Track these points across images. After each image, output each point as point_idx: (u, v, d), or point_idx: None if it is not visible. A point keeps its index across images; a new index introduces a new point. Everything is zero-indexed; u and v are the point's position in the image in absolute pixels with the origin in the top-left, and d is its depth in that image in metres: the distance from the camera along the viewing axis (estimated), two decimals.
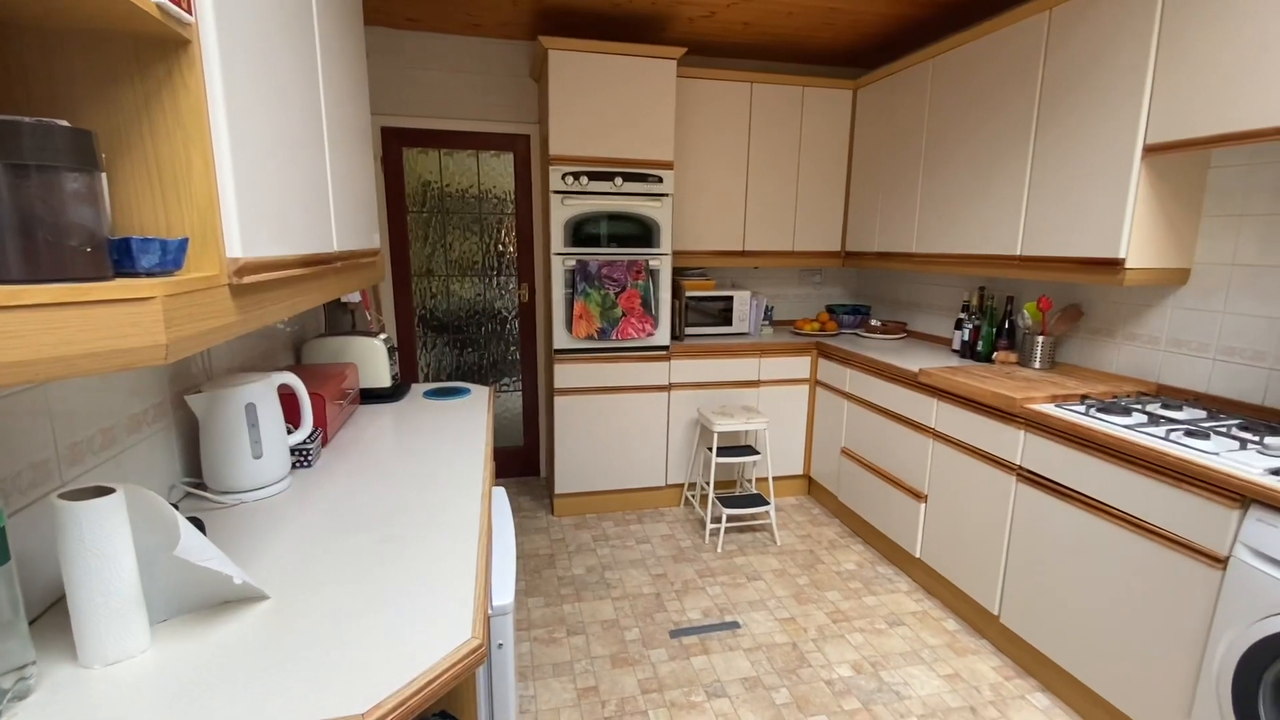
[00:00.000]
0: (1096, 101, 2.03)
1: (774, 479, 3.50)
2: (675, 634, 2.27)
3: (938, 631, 2.31)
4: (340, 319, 2.57)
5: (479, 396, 2.07)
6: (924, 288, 3.42)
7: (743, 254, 3.47)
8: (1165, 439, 1.66)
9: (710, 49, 3.45)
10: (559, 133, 2.87)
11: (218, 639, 0.81)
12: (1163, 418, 1.81)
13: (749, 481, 3.44)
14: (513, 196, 3.47)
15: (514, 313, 3.60)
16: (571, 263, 2.96)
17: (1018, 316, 2.69)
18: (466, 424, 1.76)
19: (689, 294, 3.39)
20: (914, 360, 2.75)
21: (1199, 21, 1.73)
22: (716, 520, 3.16)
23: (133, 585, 0.78)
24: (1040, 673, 2.04)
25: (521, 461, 3.78)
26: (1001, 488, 2.12)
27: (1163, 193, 1.95)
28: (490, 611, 1.04)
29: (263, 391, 1.26)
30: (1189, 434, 1.66)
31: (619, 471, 3.24)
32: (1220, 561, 1.48)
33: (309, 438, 1.44)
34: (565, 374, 3.06)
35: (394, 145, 3.27)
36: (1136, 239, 1.95)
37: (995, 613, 2.17)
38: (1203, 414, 1.88)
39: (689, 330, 3.43)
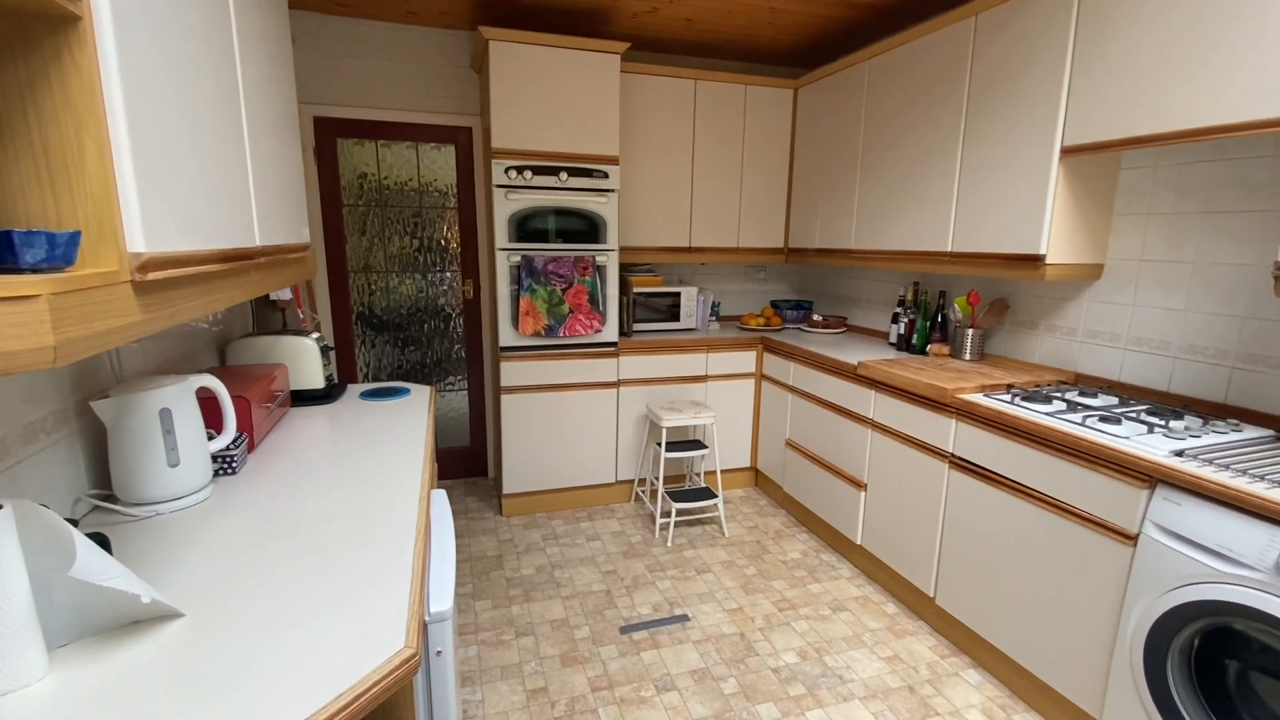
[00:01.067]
0: (1019, 104, 2.14)
1: (722, 472, 3.54)
2: (625, 630, 2.27)
3: (878, 615, 2.39)
4: (270, 317, 2.45)
5: (419, 396, 2.01)
6: (863, 283, 3.53)
7: (689, 250, 3.49)
8: (1082, 425, 1.76)
9: (654, 45, 3.45)
10: (501, 126, 2.81)
11: (125, 662, 0.76)
12: (1080, 405, 1.92)
13: (698, 475, 3.47)
14: (455, 190, 3.38)
15: (458, 310, 3.52)
16: (516, 258, 2.91)
17: (949, 310, 2.81)
18: (405, 425, 1.70)
19: (637, 290, 3.39)
20: (853, 354, 2.83)
21: (1111, 32, 1.84)
22: (666, 515, 3.18)
23: (25, 609, 0.71)
24: (973, 650, 2.14)
25: (468, 462, 3.70)
26: (935, 475, 2.21)
27: (1079, 192, 2.07)
28: (427, 618, 1.01)
29: (179, 395, 1.19)
30: (1103, 420, 1.77)
31: (568, 469, 3.22)
32: (1131, 539, 1.58)
33: (233, 443, 1.36)
34: (512, 372, 3.01)
35: (328, 136, 3.14)
36: (1055, 236, 2.06)
37: (931, 595, 2.27)
38: (1115, 400, 2.01)
39: (637, 326, 3.43)
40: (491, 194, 2.89)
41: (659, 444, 3.23)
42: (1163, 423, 1.73)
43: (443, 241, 3.42)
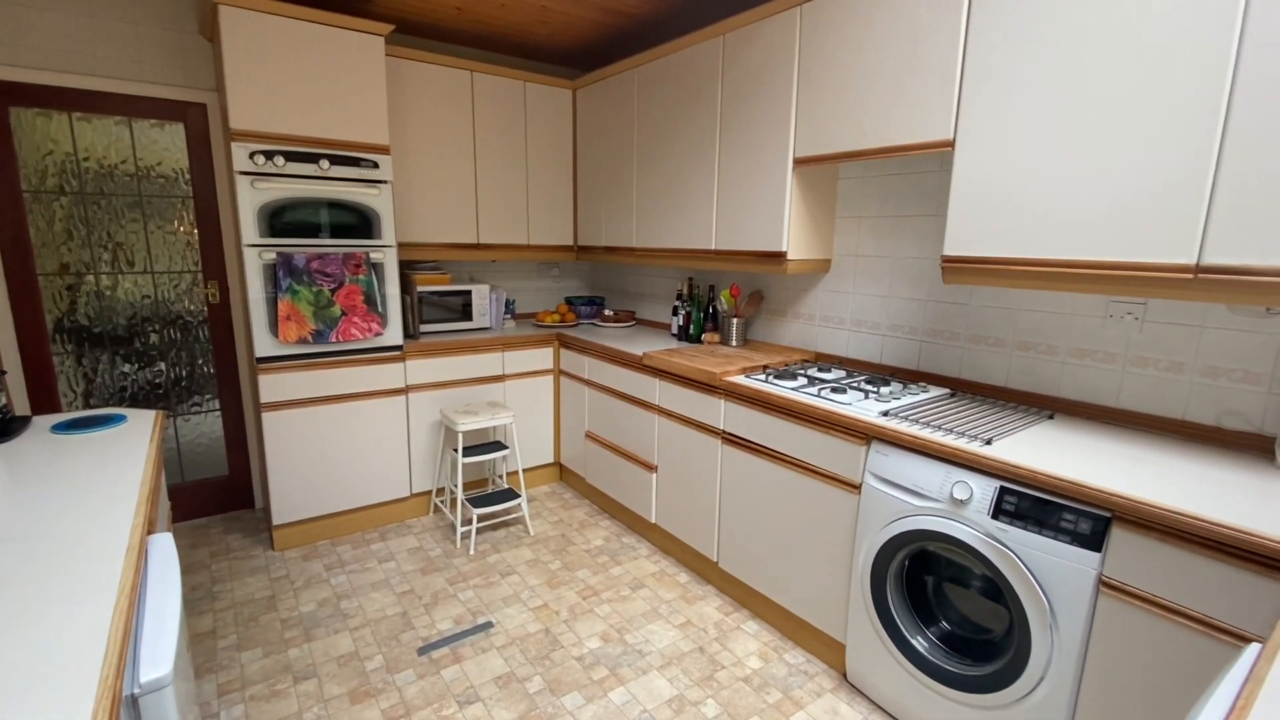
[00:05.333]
0: (761, 118, 2.42)
1: (525, 471, 3.52)
2: (424, 650, 2.15)
3: (672, 586, 2.57)
4: None
5: (139, 423, 1.67)
6: (647, 279, 3.74)
7: (478, 247, 3.38)
8: (818, 396, 2.07)
9: (425, 30, 3.27)
10: (240, 104, 2.45)
11: None
12: (817, 379, 2.25)
13: (501, 477, 3.40)
14: (187, 176, 2.88)
15: (201, 317, 3.01)
16: (270, 256, 2.57)
17: (718, 302, 3.10)
18: (115, 461, 1.41)
19: (421, 289, 3.20)
20: (640, 345, 2.99)
21: (823, 63, 2.17)
22: (468, 522, 3.07)
23: None
24: (751, 604, 2.40)
25: (228, 494, 3.20)
26: (711, 450, 2.43)
27: (809, 198, 2.41)
28: (136, 690, 0.85)
29: None
30: (833, 391, 2.10)
31: (354, 488, 2.94)
32: (856, 488, 1.89)
33: None
34: (274, 385, 2.65)
35: None
36: (794, 235, 2.38)
37: (715, 560, 2.50)
38: (844, 374, 2.39)
39: (425, 327, 3.24)
40: (235, 182, 2.51)
41: (455, 450, 3.11)
42: (875, 389, 2.10)
43: (173, 236, 2.89)
